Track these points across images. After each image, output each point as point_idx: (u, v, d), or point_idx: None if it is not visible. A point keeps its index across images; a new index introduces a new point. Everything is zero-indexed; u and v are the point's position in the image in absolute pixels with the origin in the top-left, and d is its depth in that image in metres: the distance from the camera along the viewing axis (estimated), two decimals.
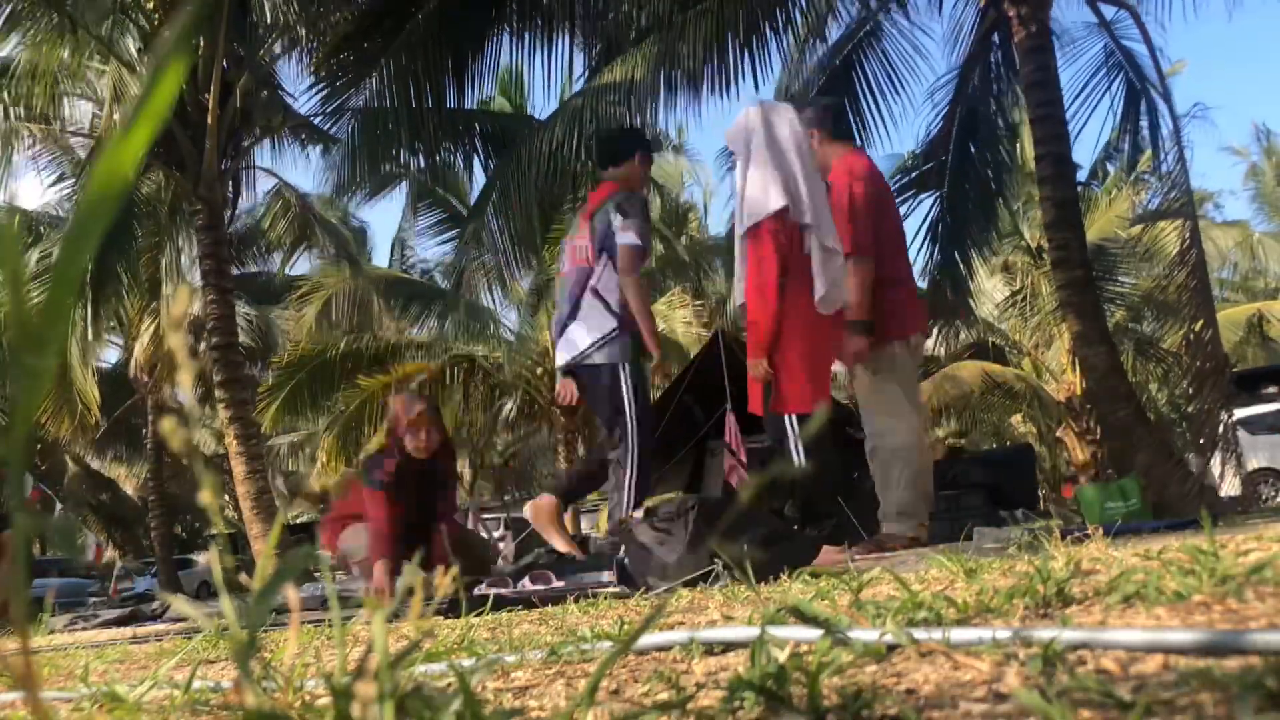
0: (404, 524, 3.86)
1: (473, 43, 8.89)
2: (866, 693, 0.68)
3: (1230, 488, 6.42)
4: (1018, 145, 12.73)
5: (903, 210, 8.87)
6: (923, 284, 9.40)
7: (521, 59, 9.05)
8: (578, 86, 9.15)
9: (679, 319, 15.03)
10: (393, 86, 8.84)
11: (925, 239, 8.83)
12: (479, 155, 10.10)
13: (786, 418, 3.78)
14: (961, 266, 8.93)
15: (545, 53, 8.83)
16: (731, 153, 4.20)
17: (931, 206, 8.83)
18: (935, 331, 13.56)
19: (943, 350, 16.67)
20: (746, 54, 8.20)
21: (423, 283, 17.21)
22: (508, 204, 8.35)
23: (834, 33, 8.86)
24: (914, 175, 8.91)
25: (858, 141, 8.47)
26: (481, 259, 9.00)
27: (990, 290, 17.63)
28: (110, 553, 26.43)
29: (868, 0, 8.65)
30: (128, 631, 4.09)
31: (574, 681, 0.98)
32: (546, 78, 8.93)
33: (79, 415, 10.63)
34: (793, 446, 3.77)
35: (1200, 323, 6.74)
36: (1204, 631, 0.73)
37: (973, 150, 8.76)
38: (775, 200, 3.74)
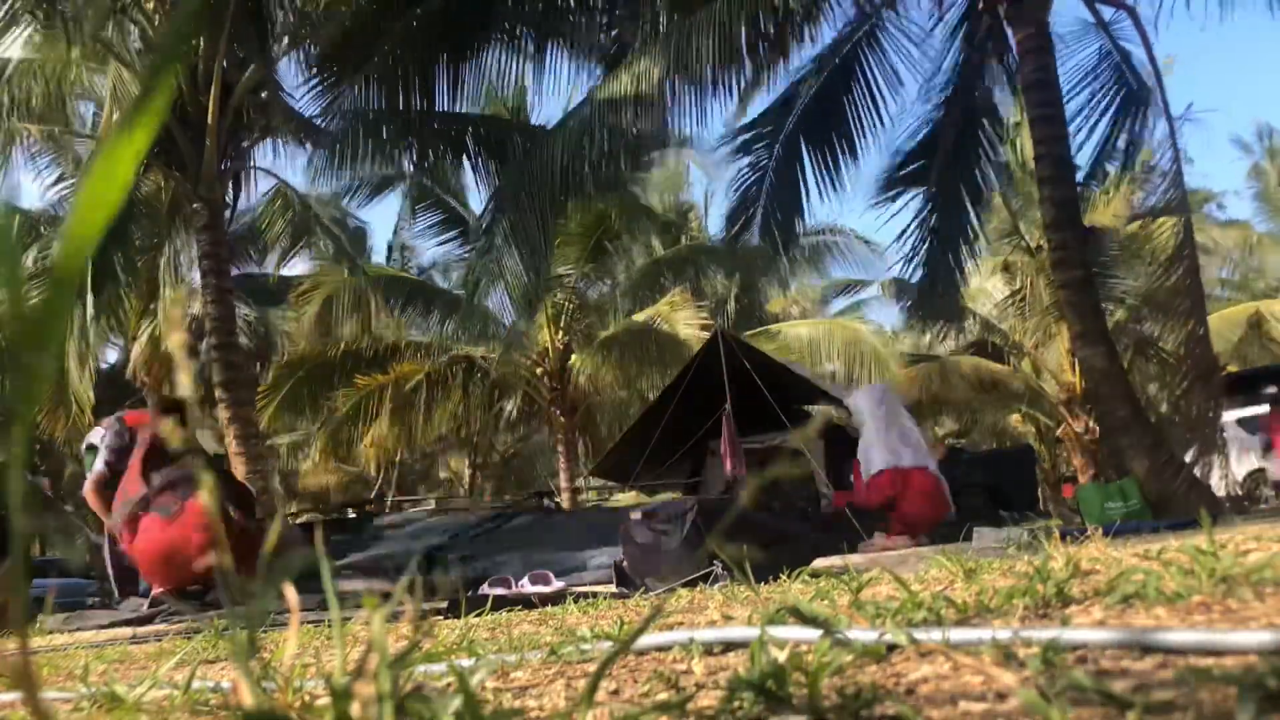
0: None
1: (466, 46, 8.88)
2: (866, 693, 0.68)
3: (1223, 488, 6.43)
4: (1017, 145, 12.70)
5: (894, 206, 8.94)
6: (914, 279, 9.39)
7: (517, 65, 9.07)
8: (581, 94, 9.08)
9: (679, 319, 15.01)
10: (384, 86, 8.82)
11: (915, 235, 8.84)
12: (469, 157, 10.07)
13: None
14: (950, 260, 8.94)
15: (538, 58, 8.84)
16: None
17: (924, 204, 8.82)
18: (936, 329, 13.55)
19: (943, 349, 16.67)
20: (748, 58, 8.18)
21: (421, 282, 17.19)
22: (520, 229, 8.10)
23: (829, 33, 8.84)
24: (904, 172, 8.89)
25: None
26: (492, 282, 8.79)
27: (990, 289, 17.62)
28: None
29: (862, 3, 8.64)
30: (127, 632, 4.08)
31: (574, 681, 0.98)
32: (540, 85, 8.96)
33: (73, 416, 10.61)
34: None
35: (1192, 322, 6.74)
36: (1202, 631, 0.73)
37: (964, 149, 8.75)
38: (876, 463, 5.77)
